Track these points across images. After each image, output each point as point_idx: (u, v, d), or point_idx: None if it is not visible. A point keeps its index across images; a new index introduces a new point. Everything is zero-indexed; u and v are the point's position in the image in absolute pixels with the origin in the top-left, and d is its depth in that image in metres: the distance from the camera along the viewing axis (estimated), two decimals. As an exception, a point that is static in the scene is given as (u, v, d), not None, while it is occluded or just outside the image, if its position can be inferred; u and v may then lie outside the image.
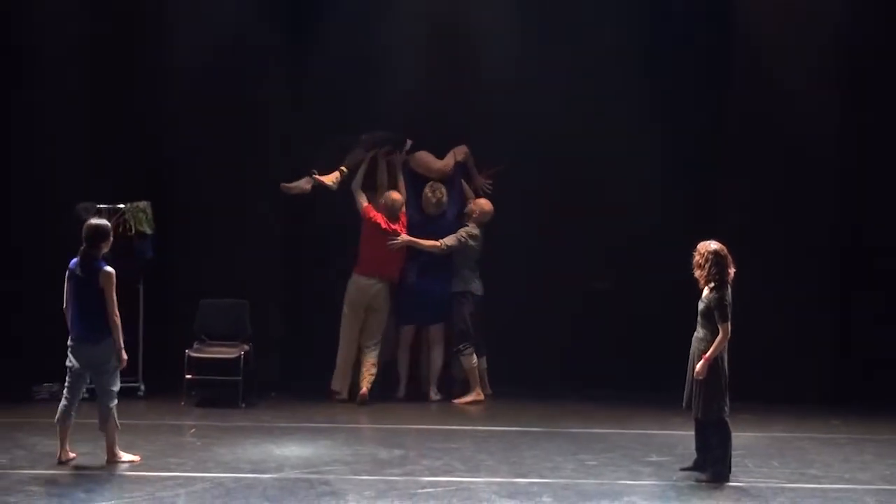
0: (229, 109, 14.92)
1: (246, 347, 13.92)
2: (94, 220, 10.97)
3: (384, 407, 14.08)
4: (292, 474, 10.56)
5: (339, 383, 14.26)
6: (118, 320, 10.68)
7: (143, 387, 14.32)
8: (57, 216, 14.12)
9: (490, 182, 14.78)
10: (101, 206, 14.09)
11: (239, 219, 14.90)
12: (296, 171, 14.72)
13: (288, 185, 14.37)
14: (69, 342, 10.79)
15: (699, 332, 10.54)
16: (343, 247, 14.58)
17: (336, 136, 14.57)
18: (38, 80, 14.77)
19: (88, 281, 10.66)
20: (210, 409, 13.61)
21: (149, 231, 14.21)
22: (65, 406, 10.77)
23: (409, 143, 14.65)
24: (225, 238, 14.86)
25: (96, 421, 10.83)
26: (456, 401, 14.32)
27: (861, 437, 12.71)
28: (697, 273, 10.54)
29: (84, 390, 10.95)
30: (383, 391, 14.46)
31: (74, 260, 10.79)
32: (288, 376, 14.87)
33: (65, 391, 10.84)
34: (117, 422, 10.81)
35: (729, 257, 10.49)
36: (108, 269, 10.70)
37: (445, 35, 15.19)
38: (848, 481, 10.72)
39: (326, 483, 10.25)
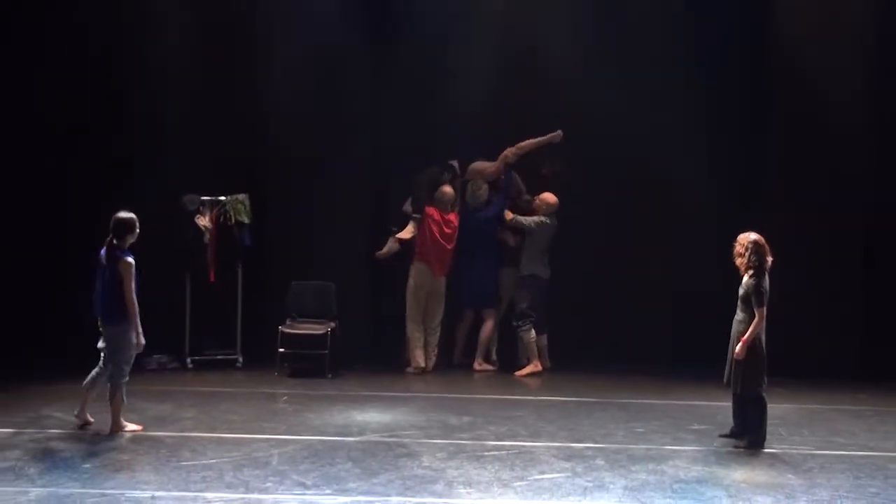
0: (321, 112, 15.01)
1: (332, 324, 13.96)
2: (122, 214, 10.64)
3: (454, 378, 14.15)
4: (373, 438, 10.63)
5: (415, 358, 14.35)
6: (136, 307, 10.49)
7: (241, 359, 14.44)
8: (165, 207, 14.28)
9: (552, 175, 14.82)
10: (205, 197, 14.25)
11: (328, 209, 14.96)
12: (378, 171, 15.21)
13: (380, 253, 14.57)
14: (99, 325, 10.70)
15: (738, 315, 10.51)
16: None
17: (423, 171, 14.63)
18: (149, 84, 14.93)
19: (111, 269, 10.50)
20: (300, 379, 13.68)
21: (247, 220, 14.33)
22: (94, 376, 10.72)
23: (455, 165, 14.69)
24: (315, 226, 14.95)
25: (202, 389, 10.84)
26: (517, 373, 14.36)
27: (885, 409, 12.59)
28: (738, 261, 10.51)
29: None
30: (442, 357, 14.70)
31: (103, 249, 10.64)
32: (369, 351, 14.90)
33: (99, 364, 10.74)
34: (125, 398, 10.61)
35: (767, 247, 10.44)
36: (129, 259, 10.50)
37: (513, 43, 15.26)
38: (872, 449, 10.68)
39: (403, 446, 10.31)
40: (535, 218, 14.46)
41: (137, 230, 10.65)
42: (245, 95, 15.02)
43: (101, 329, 10.66)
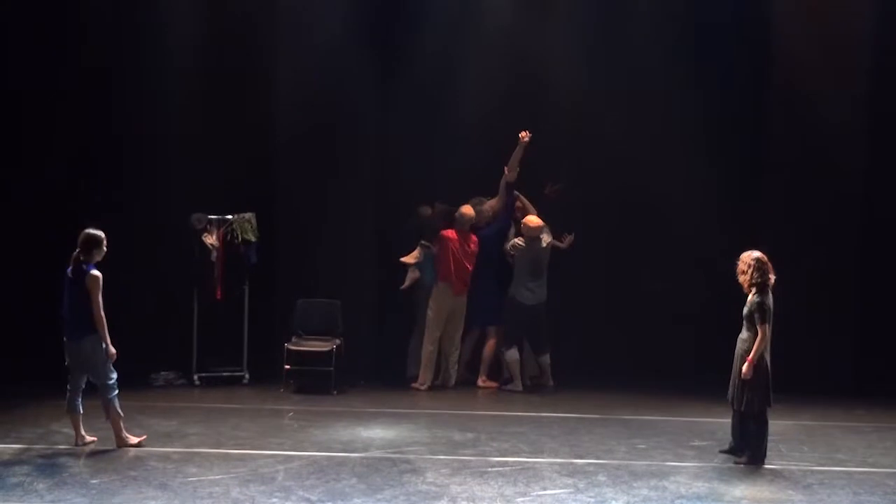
0: (327, 132, 14.97)
1: (338, 342, 13.88)
2: (90, 230, 10.49)
3: (458, 395, 14.09)
4: (378, 454, 10.58)
5: (424, 376, 14.29)
6: (103, 319, 10.27)
7: (247, 376, 14.38)
8: (173, 225, 14.27)
9: (554, 193, 14.78)
10: (212, 216, 14.23)
11: (333, 228, 14.92)
12: (384, 190, 15.15)
13: (403, 287, 14.50)
14: (64, 340, 10.55)
15: (743, 334, 10.43)
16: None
17: (444, 203, 14.63)
18: (157, 103, 14.85)
19: (77, 283, 10.33)
20: (306, 395, 13.60)
21: (253, 239, 14.30)
22: (69, 398, 10.50)
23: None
24: (320, 245, 14.89)
25: (209, 405, 10.78)
26: (502, 386, 14.37)
27: (883, 425, 12.58)
28: (741, 279, 10.43)
29: (85, 381, 10.50)
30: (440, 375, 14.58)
31: (70, 266, 10.49)
32: (374, 367, 14.80)
33: (67, 385, 10.53)
34: (119, 410, 10.46)
35: (769, 265, 10.37)
36: (95, 272, 10.33)
37: (518, 67, 15.32)
38: (871, 465, 10.64)
39: (408, 462, 10.26)
40: (514, 241, 14.32)
41: (105, 247, 10.49)
42: (253, 116, 14.98)
43: (67, 345, 10.47)
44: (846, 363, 14.32)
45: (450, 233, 14.31)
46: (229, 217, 14.28)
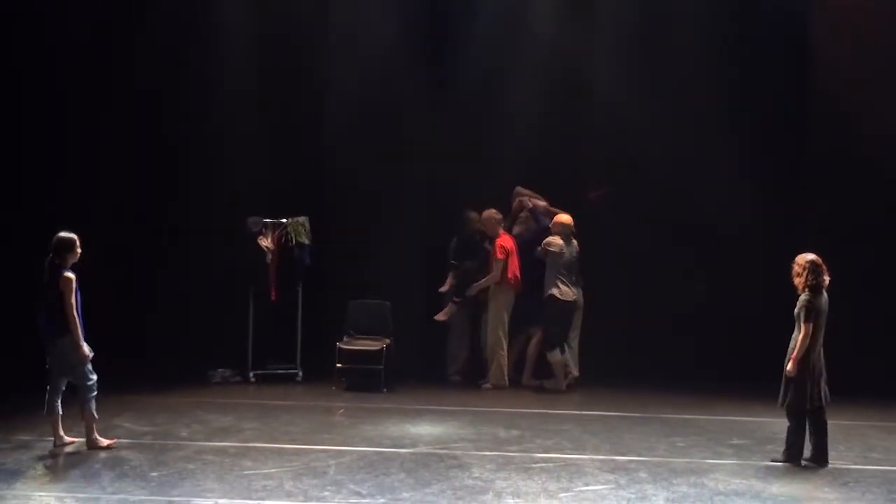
0: (378, 139, 15.14)
1: (388, 341, 13.98)
2: (63, 233, 10.26)
3: (503, 393, 14.11)
4: (425, 449, 10.62)
5: (505, 375, 14.42)
6: (76, 320, 10.07)
7: (300, 373, 14.48)
8: (230, 228, 14.43)
9: (600, 198, 14.81)
10: (267, 220, 14.35)
11: (383, 231, 15.05)
12: (432, 195, 15.25)
13: (441, 317, 14.63)
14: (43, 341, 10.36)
15: (795, 333, 10.25)
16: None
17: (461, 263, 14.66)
18: (214, 110, 15.08)
19: (52, 285, 10.14)
20: (357, 393, 13.67)
21: (307, 242, 14.39)
22: (49, 399, 10.29)
23: None
24: (371, 247, 15.02)
25: (264, 402, 10.79)
26: (546, 385, 14.32)
27: (920, 425, 12.48)
28: (796, 281, 10.23)
29: (65, 383, 10.27)
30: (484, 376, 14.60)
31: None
32: (422, 366, 14.83)
33: (47, 386, 10.31)
34: (94, 413, 10.30)
35: (823, 266, 10.26)
36: (68, 274, 10.13)
37: (564, 73, 15.41)
38: (907, 465, 10.56)
39: (454, 457, 10.29)
40: (548, 239, 14.23)
41: (79, 250, 10.29)
42: (306, 123, 15.15)
43: (46, 346, 10.27)
44: (884, 363, 14.19)
45: (506, 241, 14.38)
46: (284, 220, 14.39)
